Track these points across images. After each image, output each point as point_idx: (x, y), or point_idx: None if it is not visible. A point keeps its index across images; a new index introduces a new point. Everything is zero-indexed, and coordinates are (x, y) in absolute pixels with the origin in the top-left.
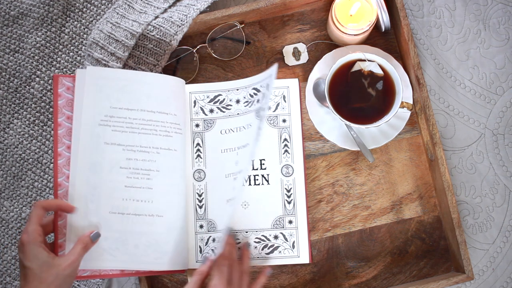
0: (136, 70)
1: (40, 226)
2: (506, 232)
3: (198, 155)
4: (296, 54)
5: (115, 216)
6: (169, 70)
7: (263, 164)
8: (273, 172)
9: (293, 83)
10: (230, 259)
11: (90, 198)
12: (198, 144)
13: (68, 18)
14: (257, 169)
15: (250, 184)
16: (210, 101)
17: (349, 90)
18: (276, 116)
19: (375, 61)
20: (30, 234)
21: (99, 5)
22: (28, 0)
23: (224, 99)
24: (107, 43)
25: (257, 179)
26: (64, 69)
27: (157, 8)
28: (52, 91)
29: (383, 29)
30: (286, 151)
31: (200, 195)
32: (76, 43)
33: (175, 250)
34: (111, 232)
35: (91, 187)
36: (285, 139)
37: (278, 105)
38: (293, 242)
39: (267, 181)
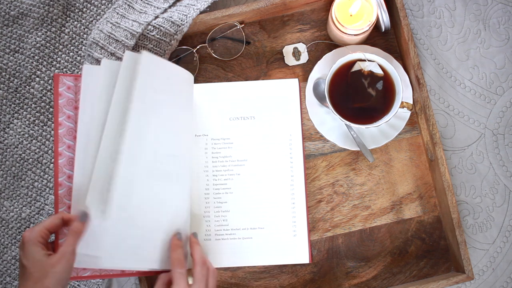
0: None
1: (48, 230)
2: (506, 232)
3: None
4: (296, 54)
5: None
6: None
7: None
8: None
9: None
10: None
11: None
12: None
13: (68, 18)
14: None
15: None
16: None
17: (349, 90)
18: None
19: (375, 61)
20: (32, 233)
21: (99, 5)
22: (28, 0)
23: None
24: (107, 43)
25: None
26: (64, 69)
27: (157, 8)
28: (52, 91)
29: (383, 29)
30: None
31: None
32: (76, 43)
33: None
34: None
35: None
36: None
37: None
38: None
39: None
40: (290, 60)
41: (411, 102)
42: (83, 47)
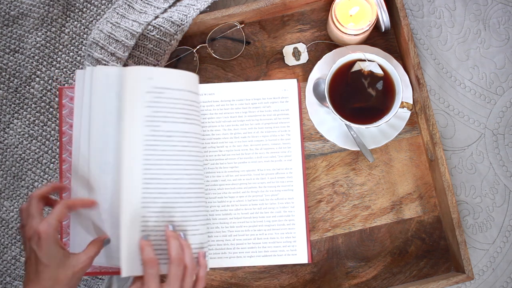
0: None
1: (60, 222)
2: (506, 232)
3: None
4: (296, 54)
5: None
6: None
7: None
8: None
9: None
10: (183, 264)
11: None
12: None
13: (68, 18)
14: None
15: None
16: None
17: (349, 90)
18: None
19: (375, 61)
20: (50, 229)
21: (99, 5)
22: (28, 0)
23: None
24: (107, 43)
25: None
26: (64, 69)
27: (157, 8)
28: (52, 91)
29: (383, 29)
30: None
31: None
32: (76, 43)
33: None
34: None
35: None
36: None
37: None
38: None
39: None
40: (290, 60)
41: (411, 102)
42: (83, 47)
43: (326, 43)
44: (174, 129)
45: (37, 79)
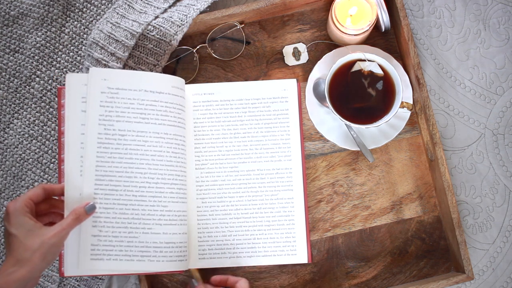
0: (136, 70)
1: (31, 200)
2: (506, 232)
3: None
4: (296, 54)
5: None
6: (169, 70)
7: None
8: None
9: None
10: None
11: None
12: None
13: (68, 18)
14: None
15: None
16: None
17: (349, 90)
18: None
19: (375, 61)
20: (17, 203)
21: (99, 5)
22: (28, 0)
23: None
24: (107, 43)
25: None
26: (64, 69)
27: (157, 8)
28: (52, 91)
29: (383, 29)
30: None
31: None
32: (76, 43)
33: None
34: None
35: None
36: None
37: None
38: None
39: None
40: (290, 60)
41: (411, 102)
42: (83, 47)
43: (326, 43)
44: (128, 128)
45: (37, 79)
